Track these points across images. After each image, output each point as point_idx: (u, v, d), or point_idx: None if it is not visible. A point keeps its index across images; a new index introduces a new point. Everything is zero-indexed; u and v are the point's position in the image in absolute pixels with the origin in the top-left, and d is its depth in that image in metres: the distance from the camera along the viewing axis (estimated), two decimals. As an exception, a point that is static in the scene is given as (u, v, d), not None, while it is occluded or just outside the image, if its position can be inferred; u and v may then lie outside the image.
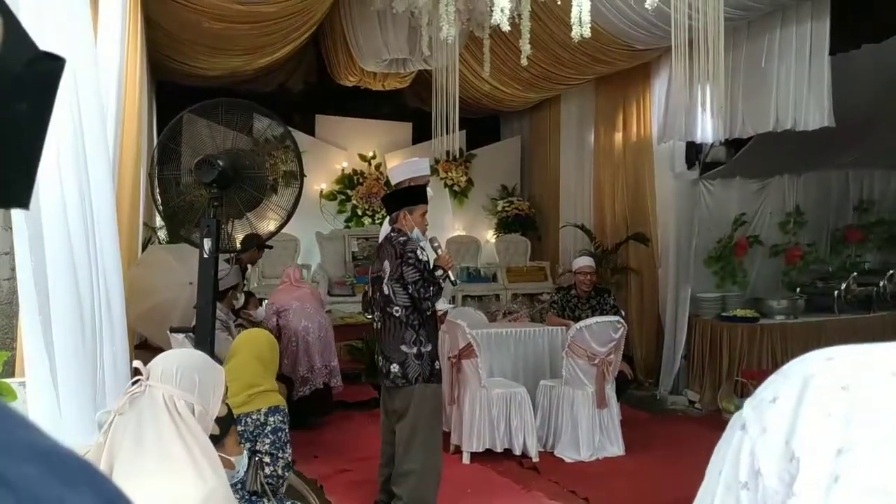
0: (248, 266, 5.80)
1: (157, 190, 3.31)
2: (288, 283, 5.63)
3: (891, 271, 6.86)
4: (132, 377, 1.70)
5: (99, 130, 2.72)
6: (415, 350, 3.57)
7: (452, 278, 3.72)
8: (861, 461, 0.50)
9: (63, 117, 2.32)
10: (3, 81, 0.51)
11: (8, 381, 2.22)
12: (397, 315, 3.58)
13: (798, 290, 6.72)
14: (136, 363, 1.68)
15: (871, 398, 0.52)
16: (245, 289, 5.57)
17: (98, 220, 2.61)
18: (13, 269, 2.26)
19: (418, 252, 3.58)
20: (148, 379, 1.64)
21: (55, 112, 0.56)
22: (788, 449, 0.53)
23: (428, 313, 3.63)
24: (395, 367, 3.57)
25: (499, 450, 4.70)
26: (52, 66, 0.55)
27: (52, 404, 2.23)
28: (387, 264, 3.63)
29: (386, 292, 3.61)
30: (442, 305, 4.65)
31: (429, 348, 3.62)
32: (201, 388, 1.70)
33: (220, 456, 1.70)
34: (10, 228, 2.28)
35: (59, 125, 2.29)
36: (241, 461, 2.15)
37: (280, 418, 2.81)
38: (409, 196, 3.79)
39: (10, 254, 2.37)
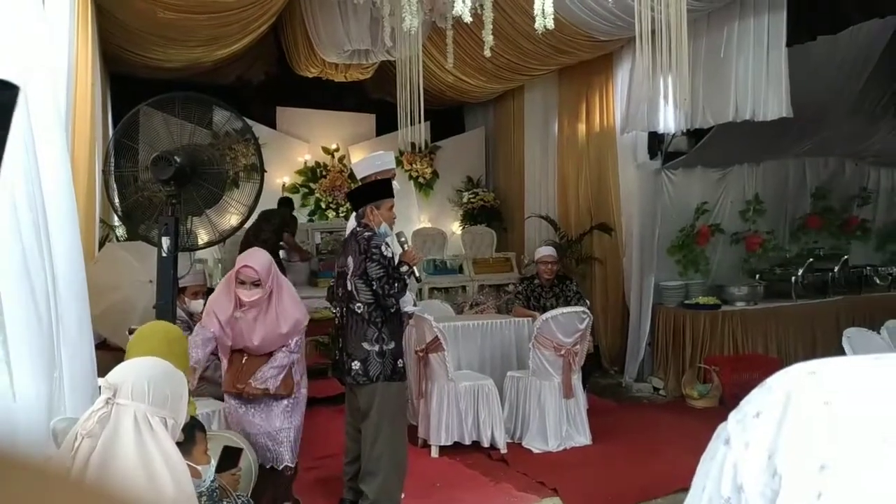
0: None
1: (114, 187, 3.21)
2: None
3: (845, 257, 7.04)
4: (95, 392, 1.60)
5: (53, 122, 2.61)
6: (377, 348, 3.51)
7: (417, 274, 3.66)
8: (844, 477, 0.49)
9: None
10: None
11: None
12: (359, 312, 3.53)
13: (758, 276, 6.86)
14: (101, 381, 1.57)
15: (852, 413, 0.51)
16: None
17: (54, 219, 2.51)
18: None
19: (383, 248, 3.53)
20: (115, 396, 1.54)
21: None
22: (771, 464, 0.52)
23: (391, 310, 3.57)
24: (356, 365, 3.51)
25: (467, 442, 4.70)
26: (4, 97, 0.48)
27: (7, 411, 2.15)
28: (350, 260, 3.57)
29: (349, 288, 3.56)
30: (408, 308, 4.37)
31: (391, 346, 3.57)
32: (172, 400, 1.62)
33: (187, 464, 1.64)
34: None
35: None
36: (209, 470, 2.10)
37: None
38: (375, 191, 3.73)
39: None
